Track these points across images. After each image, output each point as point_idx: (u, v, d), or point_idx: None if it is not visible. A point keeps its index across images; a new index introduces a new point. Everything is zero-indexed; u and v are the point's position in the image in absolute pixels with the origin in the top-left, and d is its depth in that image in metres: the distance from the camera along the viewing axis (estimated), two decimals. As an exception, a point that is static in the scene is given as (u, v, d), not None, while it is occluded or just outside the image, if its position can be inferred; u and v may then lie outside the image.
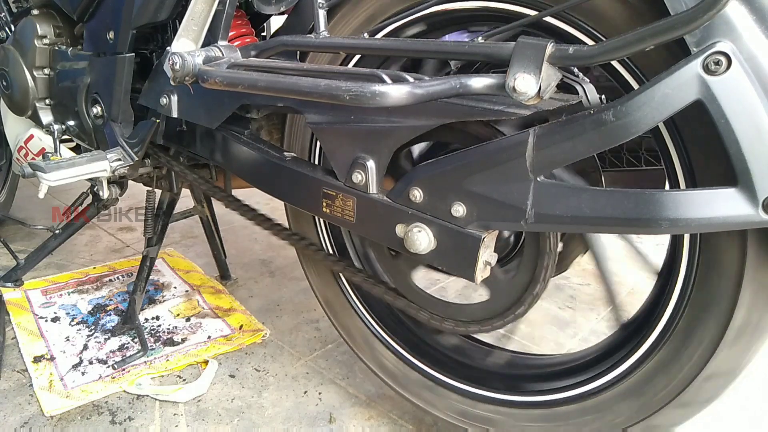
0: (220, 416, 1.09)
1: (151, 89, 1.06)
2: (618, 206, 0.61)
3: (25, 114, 1.34)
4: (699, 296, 0.69)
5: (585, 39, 0.68)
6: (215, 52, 0.90)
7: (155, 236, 1.37)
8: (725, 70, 0.54)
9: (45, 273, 1.61)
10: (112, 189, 1.26)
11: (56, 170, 1.09)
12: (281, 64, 0.83)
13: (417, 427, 1.08)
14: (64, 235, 1.44)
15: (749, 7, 0.54)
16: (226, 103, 0.94)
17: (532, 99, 0.60)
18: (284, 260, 1.79)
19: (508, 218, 0.69)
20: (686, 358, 0.71)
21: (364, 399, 1.16)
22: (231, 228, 1.99)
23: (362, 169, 0.80)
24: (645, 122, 0.57)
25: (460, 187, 0.72)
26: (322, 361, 1.28)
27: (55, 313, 1.41)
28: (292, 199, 0.94)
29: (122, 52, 1.07)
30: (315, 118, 0.83)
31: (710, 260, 0.67)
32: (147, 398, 1.13)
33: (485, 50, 0.65)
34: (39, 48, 1.27)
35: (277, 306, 1.52)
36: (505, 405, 0.90)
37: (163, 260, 1.72)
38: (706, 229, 0.60)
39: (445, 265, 0.77)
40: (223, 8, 0.91)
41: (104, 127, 1.18)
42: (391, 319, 1.06)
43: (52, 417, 1.07)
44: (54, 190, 1.40)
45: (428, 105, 0.68)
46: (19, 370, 1.20)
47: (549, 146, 0.64)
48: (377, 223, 0.81)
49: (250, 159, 0.96)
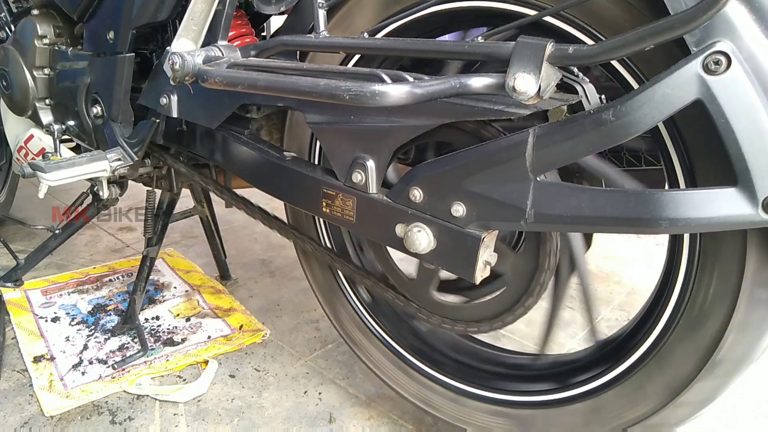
0: (220, 416, 1.09)
1: (151, 89, 1.06)
2: (618, 206, 0.61)
3: (25, 114, 1.34)
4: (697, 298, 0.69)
5: (585, 39, 0.68)
6: (215, 52, 0.90)
7: (155, 236, 1.37)
8: (725, 69, 0.54)
9: (45, 273, 1.61)
10: (112, 189, 1.26)
11: (56, 170, 1.09)
12: (281, 64, 0.83)
13: (417, 427, 1.08)
14: (64, 235, 1.44)
15: (749, 7, 0.54)
16: (226, 103, 0.94)
17: (532, 99, 0.60)
18: (284, 260, 1.79)
19: (508, 218, 0.69)
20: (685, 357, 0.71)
21: (364, 399, 1.16)
22: (231, 228, 1.99)
23: (362, 168, 0.80)
24: (645, 122, 0.57)
25: (460, 186, 0.72)
26: (322, 361, 1.28)
27: (55, 313, 1.41)
28: (291, 199, 0.94)
29: (122, 52, 1.07)
30: (315, 118, 0.83)
31: (710, 260, 0.67)
32: (147, 398, 1.13)
33: (485, 50, 0.66)
34: (39, 48, 1.27)
35: (277, 306, 1.52)
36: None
37: (163, 260, 1.72)
38: (705, 228, 0.60)
39: (445, 264, 0.77)
40: (222, 8, 0.91)
41: (104, 127, 1.18)
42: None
43: (52, 417, 1.07)
44: (54, 190, 1.40)
45: (428, 105, 0.68)
46: (19, 370, 1.20)
47: (549, 146, 0.64)
48: (377, 222, 0.81)
49: (250, 159, 0.96)
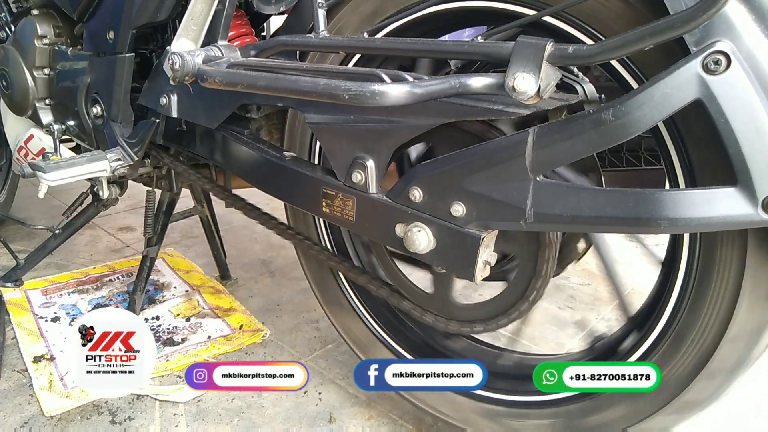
0: (220, 416, 1.09)
1: (150, 89, 1.06)
2: (617, 206, 0.61)
3: (25, 114, 1.34)
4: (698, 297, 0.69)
5: (584, 38, 0.68)
6: (215, 52, 0.90)
7: (155, 236, 1.37)
8: (725, 69, 0.54)
9: (45, 273, 1.61)
10: (112, 189, 1.26)
11: (56, 170, 1.09)
12: (281, 64, 0.83)
13: (417, 427, 1.08)
14: (64, 235, 1.44)
15: (748, 7, 0.54)
16: (226, 103, 0.94)
17: (532, 98, 0.60)
18: (284, 260, 1.79)
19: (508, 218, 0.69)
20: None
21: (364, 399, 1.16)
22: (231, 228, 1.99)
23: (362, 168, 0.80)
24: (644, 122, 0.57)
25: (460, 186, 0.72)
26: (322, 361, 1.28)
27: (55, 313, 1.41)
28: (291, 199, 0.94)
29: (122, 52, 1.07)
30: (314, 118, 0.83)
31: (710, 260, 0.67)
32: (147, 398, 1.13)
33: (485, 50, 0.66)
34: (39, 48, 1.27)
35: (277, 306, 1.52)
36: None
37: (163, 260, 1.72)
38: (705, 228, 0.60)
39: (445, 264, 0.77)
40: (222, 8, 0.91)
41: (104, 127, 1.18)
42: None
43: (52, 417, 1.07)
44: (54, 190, 1.39)
45: (428, 104, 0.68)
46: (19, 370, 1.20)
47: (548, 146, 0.64)
48: (377, 222, 0.81)
49: (249, 159, 0.96)
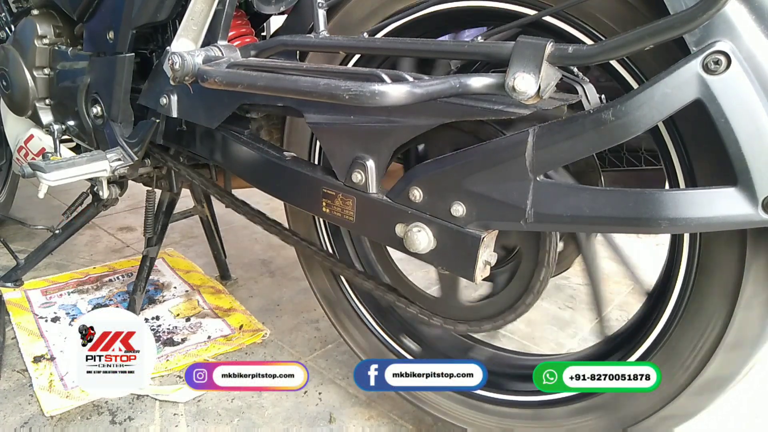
0: (220, 416, 1.09)
1: (150, 89, 1.06)
2: (617, 206, 0.61)
3: (25, 114, 1.34)
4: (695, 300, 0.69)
5: (584, 38, 0.67)
6: (215, 52, 0.90)
7: (155, 236, 1.37)
8: (725, 69, 0.54)
9: (45, 273, 1.61)
10: (112, 189, 1.26)
11: (56, 170, 1.09)
12: (281, 64, 0.83)
13: (417, 427, 1.08)
14: (64, 235, 1.44)
15: (749, 7, 0.54)
16: (226, 103, 0.94)
17: (532, 98, 0.60)
18: (284, 260, 1.79)
19: (508, 218, 0.69)
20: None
21: (364, 399, 1.16)
22: (231, 228, 1.99)
23: (362, 168, 0.80)
24: (644, 122, 0.57)
25: (460, 186, 0.72)
26: (322, 361, 1.28)
27: (55, 313, 1.41)
28: (291, 199, 0.94)
29: (122, 52, 1.07)
30: (314, 118, 0.83)
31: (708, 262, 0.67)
32: (147, 398, 1.13)
33: (485, 50, 0.66)
34: (39, 48, 1.27)
35: (277, 306, 1.52)
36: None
37: (163, 260, 1.72)
38: (705, 228, 0.60)
39: (445, 264, 0.77)
40: (222, 8, 0.91)
41: (104, 127, 1.18)
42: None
43: (52, 417, 1.07)
44: (54, 190, 1.40)
45: (428, 104, 0.68)
46: (19, 370, 1.20)
47: (548, 146, 0.64)
48: (377, 222, 0.81)
49: (249, 159, 0.96)
